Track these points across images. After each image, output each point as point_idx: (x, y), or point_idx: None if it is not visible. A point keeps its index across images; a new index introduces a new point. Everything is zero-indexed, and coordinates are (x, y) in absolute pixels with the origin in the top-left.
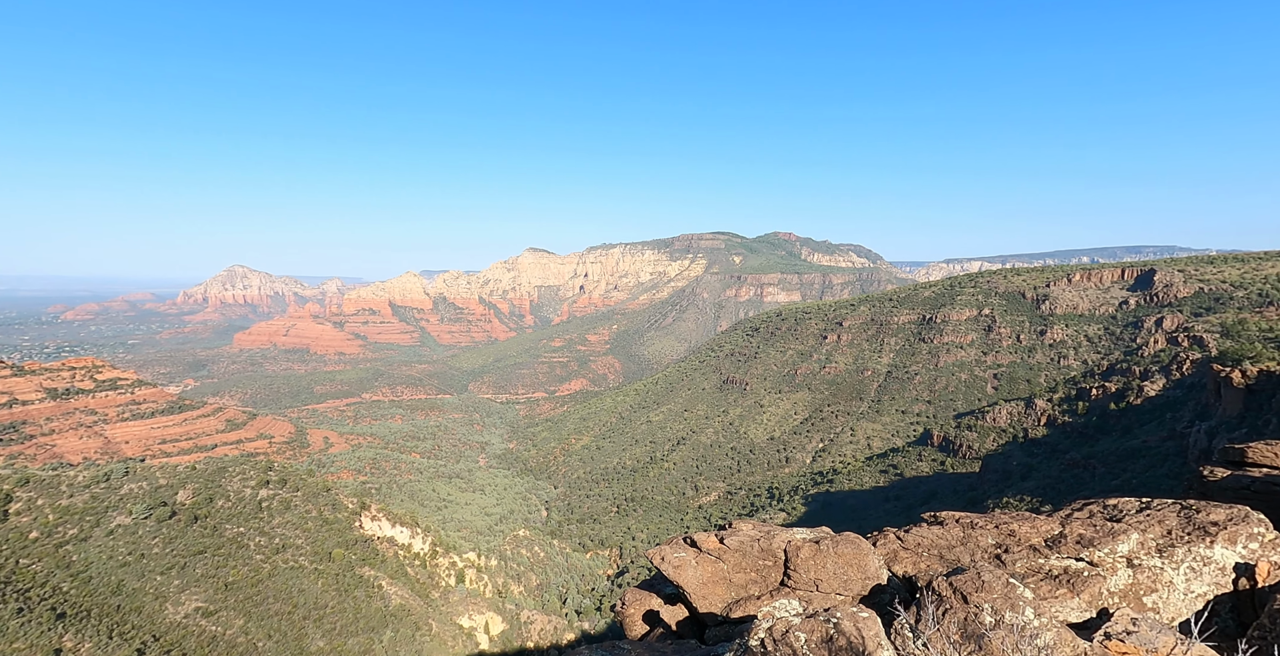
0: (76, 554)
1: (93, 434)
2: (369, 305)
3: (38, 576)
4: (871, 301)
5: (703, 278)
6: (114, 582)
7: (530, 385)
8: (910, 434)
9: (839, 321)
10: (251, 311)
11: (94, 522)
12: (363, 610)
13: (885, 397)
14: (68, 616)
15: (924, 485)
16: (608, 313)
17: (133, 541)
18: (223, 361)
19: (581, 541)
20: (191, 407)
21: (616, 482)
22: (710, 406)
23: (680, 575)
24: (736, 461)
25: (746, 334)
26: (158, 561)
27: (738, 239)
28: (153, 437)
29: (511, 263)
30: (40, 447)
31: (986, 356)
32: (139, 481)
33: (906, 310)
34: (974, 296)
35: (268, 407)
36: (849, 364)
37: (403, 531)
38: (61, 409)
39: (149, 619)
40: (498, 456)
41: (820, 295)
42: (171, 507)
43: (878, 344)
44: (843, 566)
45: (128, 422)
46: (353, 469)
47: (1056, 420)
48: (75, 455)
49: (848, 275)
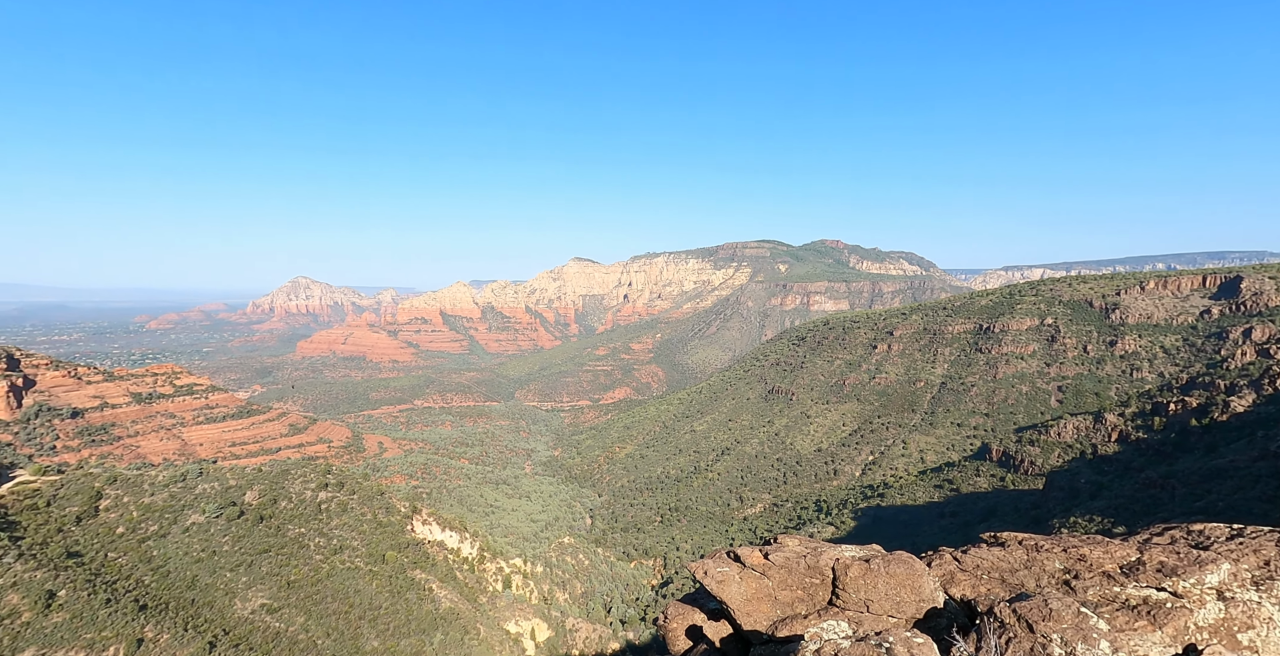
0: (157, 549)
1: (171, 436)
2: (421, 314)
3: (123, 569)
4: (924, 310)
5: (747, 286)
6: (189, 577)
7: (575, 393)
8: (967, 447)
9: (889, 330)
10: (313, 320)
11: (172, 520)
12: (414, 612)
13: (939, 409)
14: (149, 608)
15: (982, 501)
16: (651, 321)
17: (205, 539)
18: (287, 368)
19: (626, 550)
20: (258, 412)
21: (660, 492)
22: (755, 416)
23: (723, 590)
24: (782, 473)
25: (792, 343)
26: (227, 558)
27: (783, 247)
28: (224, 440)
29: (557, 272)
30: (127, 448)
31: (1050, 368)
32: (211, 482)
33: (962, 319)
34: (1035, 305)
35: (327, 413)
36: (900, 374)
37: (452, 536)
38: (145, 412)
39: (219, 613)
40: (543, 463)
41: (869, 304)
42: (240, 507)
43: (931, 354)
44: (895, 587)
45: (202, 426)
46: (405, 473)
47: (1130, 436)
48: (156, 456)
49: (899, 283)
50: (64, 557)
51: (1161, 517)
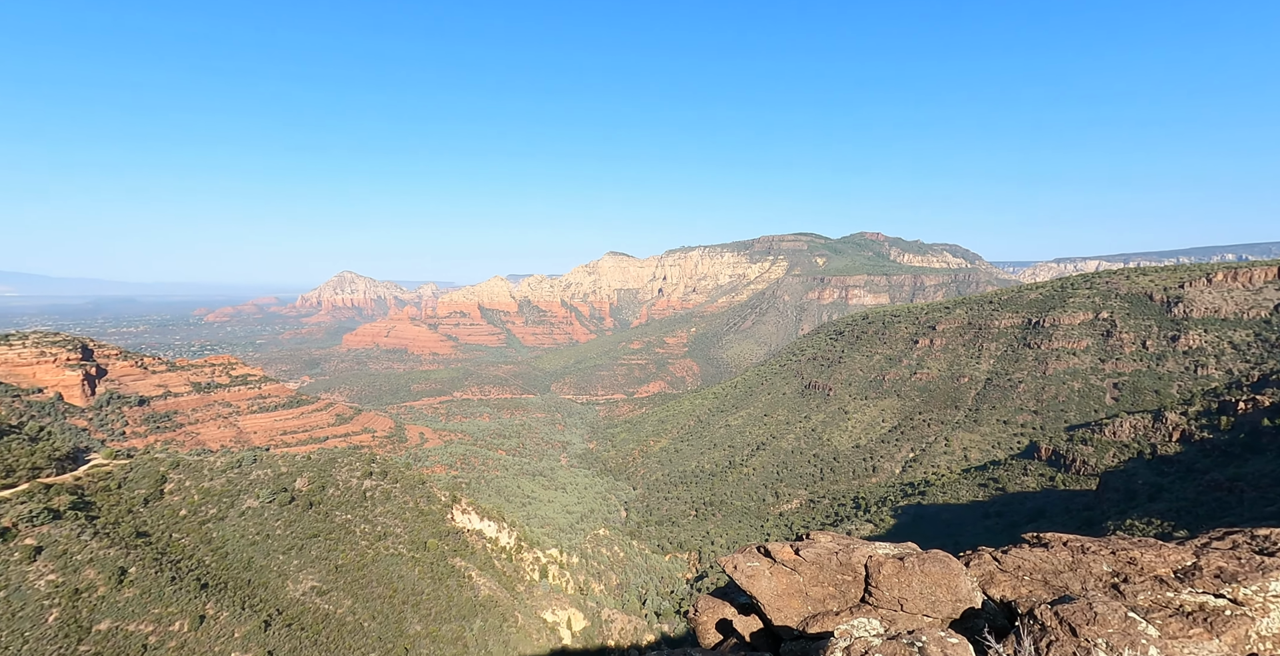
0: (216, 531)
1: (228, 424)
2: (460, 308)
3: (186, 549)
4: (969, 304)
5: (783, 280)
6: (245, 559)
7: (609, 387)
8: (1014, 446)
9: (932, 325)
10: (358, 314)
11: (229, 504)
12: (454, 598)
13: (984, 406)
14: (210, 587)
15: (1030, 502)
16: (686, 315)
17: (260, 523)
18: (333, 360)
19: (660, 543)
20: (307, 402)
21: (695, 486)
22: (791, 411)
23: (753, 585)
24: (819, 469)
25: (830, 337)
26: (280, 542)
27: (821, 240)
28: (275, 428)
29: (592, 266)
30: (188, 434)
31: (1104, 364)
32: (264, 468)
33: (1009, 313)
34: (1090, 298)
35: (371, 404)
36: (943, 370)
37: (490, 525)
38: (204, 401)
39: (273, 594)
40: (578, 456)
41: (911, 297)
42: (291, 493)
43: (976, 349)
44: (930, 586)
45: (255, 415)
46: (445, 464)
47: (1193, 436)
48: (214, 442)
49: (942, 276)
50: (134, 537)
51: (1227, 522)
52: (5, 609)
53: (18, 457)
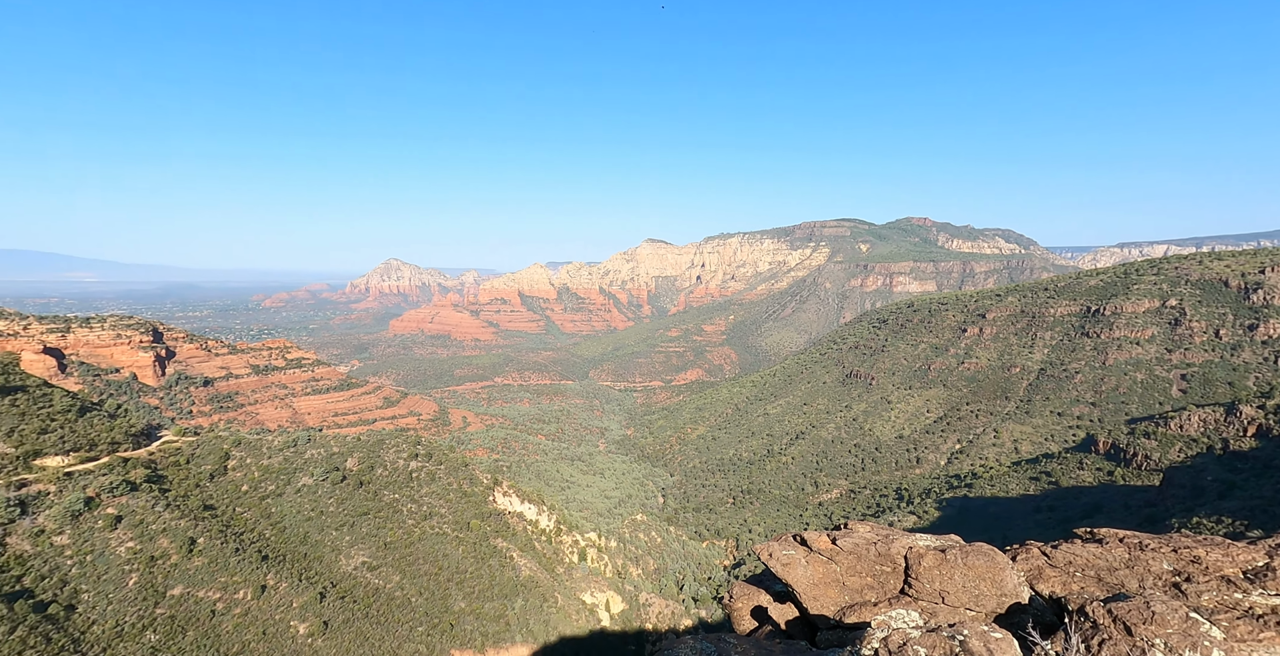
0: (274, 506)
1: (284, 405)
2: (500, 295)
3: (247, 523)
4: (1022, 291)
5: (825, 267)
6: (301, 534)
7: (647, 374)
8: (1068, 439)
9: (981, 313)
10: (403, 300)
11: (286, 481)
12: (497, 578)
13: (1037, 397)
14: (270, 559)
15: (1085, 497)
16: (724, 303)
17: (314, 500)
18: (380, 345)
19: (698, 530)
20: (357, 386)
21: (732, 474)
22: (832, 401)
23: (789, 573)
24: (860, 459)
25: (873, 326)
26: (332, 518)
27: (865, 226)
28: (328, 410)
29: (630, 254)
30: (248, 414)
31: (1171, 354)
32: (318, 448)
33: (1066, 301)
34: (1156, 285)
35: (416, 388)
36: (993, 359)
37: (530, 508)
38: (262, 382)
39: (327, 567)
40: (616, 442)
41: (960, 285)
42: (342, 473)
43: (1028, 338)
44: (973, 579)
45: (309, 396)
46: (487, 447)
47: (1270, 431)
48: (272, 422)
49: (993, 263)
50: (201, 509)
51: None
52: (93, 571)
53: (99, 433)
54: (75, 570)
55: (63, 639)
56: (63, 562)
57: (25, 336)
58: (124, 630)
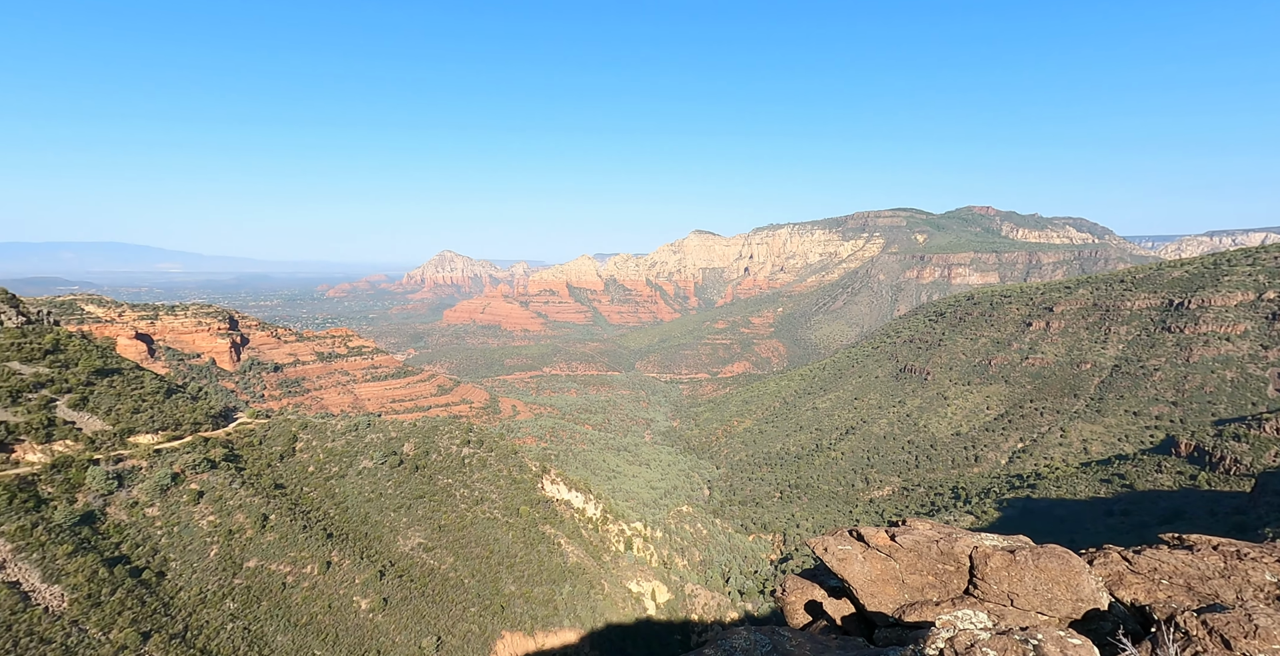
0: (338, 487)
1: (346, 391)
2: (549, 286)
3: (314, 502)
4: (1094, 283)
5: (879, 258)
6: (361, 514)
7: (693, 366)
8: (1145, 440)
9: (1048, 306)
10: (456, 291)
11: (348, 464)
12: (545, 563)
13: (1110, 396)
14: (334, 537)
15: (1164, 501)
16: (772, 295)
17: (374, 482)
18: (434, 335)
19: (744, 523)
20: (413, 373)
21: (779, 468)
22: (884, 396)
23: (845, 569)
24: (914, 456)
25: (929, 319)
26: (390, 500)
27: (922, 215)
28: (386, 396)
29: (677, 245)
30: (313, 399)
31: (1267, 351)
32: (377, 433)
33: (1144, 293)
34: (1250, 277)
35: (468, 376)
36: (1060, 355)
37: (577, 496)
38: (326, 369)
39: (386, 547)
40: (662, 433)
41: (1025, 276)
42: (400, 457)
43: (1101, 332)
44: (1046, 582)
45: (368, 383)
46: (535, 435)
47: None
48: (335, 407)
49: (1062, 253)
50: (272, 488)
51: None
52: (179, 542)
53: (183, 413)
54: (164, 540)
55: (155, 602)
56: (153, 532)
57: (120, 323)
58: (207, 597)
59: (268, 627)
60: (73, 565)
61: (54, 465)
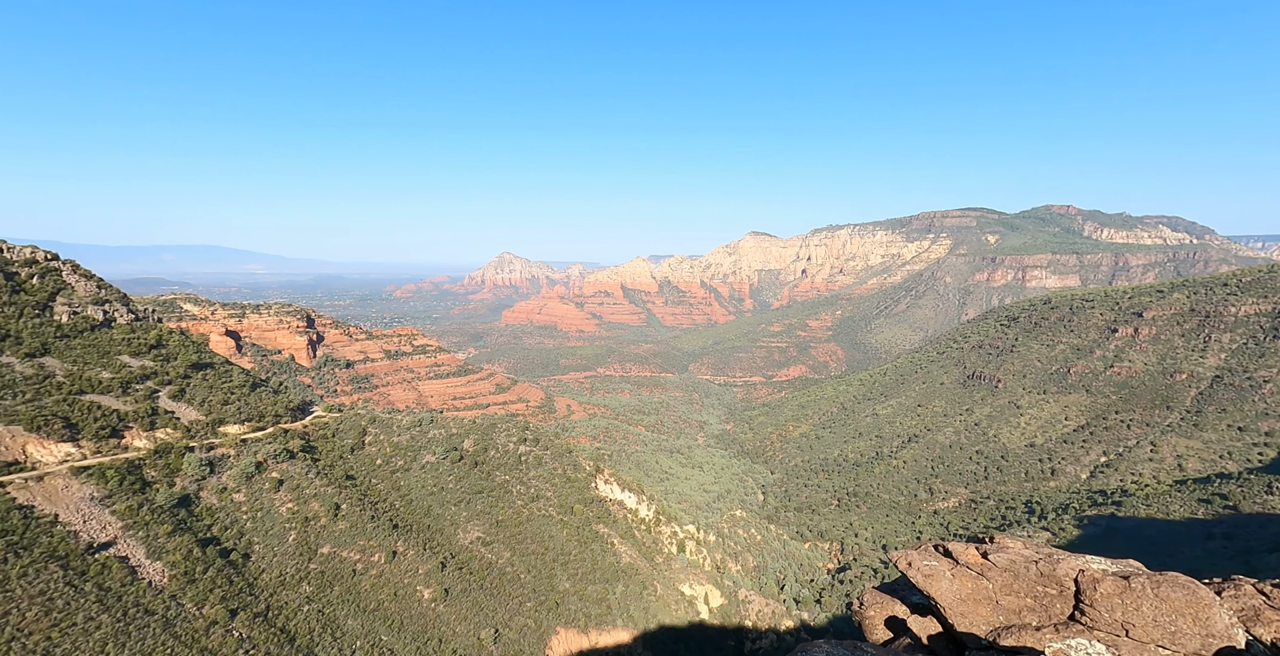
0: (403, 480)
1: (411, 387)
2: (604, 288)
3: (381, 493)
4: (1192, 286)
5: (946, 260)
6: (425, 506)
7: (748, 369)
8: (1252, 458)
9: (1137, 311)
10: (514, 292)
11: (412, 458)
12: (598, 562)
13: (1209, 408)
14: (399, 527)
15: (1274, 526)
16: (831, 297)
17: (436, 476)
18: (493, 334)
19: (799, 530)
20: (473, 372)
21: (837, 475)
22: (950, 403)
23: (932, 586)
24: (983, 467)
25: (1001, 324)
26: (451, 495)
27: (994, 215)
28: (447, 394)
29: (732, 246)
30: (381, 395)
31: None
32: (439, 429)
33: (1252, 297)
34: None
35: (524, 375)
36: (1151, 364)
37: (630, 497)
38: (393, 366)
39: (447, 539)
40: (715, 436)
41: (1109, 279)
42: (460, 452)
43: (1199, 340)
44: (1168, 614)
45: (431, 381)
46: (589, 435)
47: None
48: (401, 403)
49: (1154, 254)
50: (344, 479)
51: None
52: (262, 526)
53: (266, 406)
54: (249, 524)
55: (241, 582)
56: (240, 517)
57: (212, 320)
58: (286, 580)
59: (339, 611)
60: (172, 544)
61: (156, 451)
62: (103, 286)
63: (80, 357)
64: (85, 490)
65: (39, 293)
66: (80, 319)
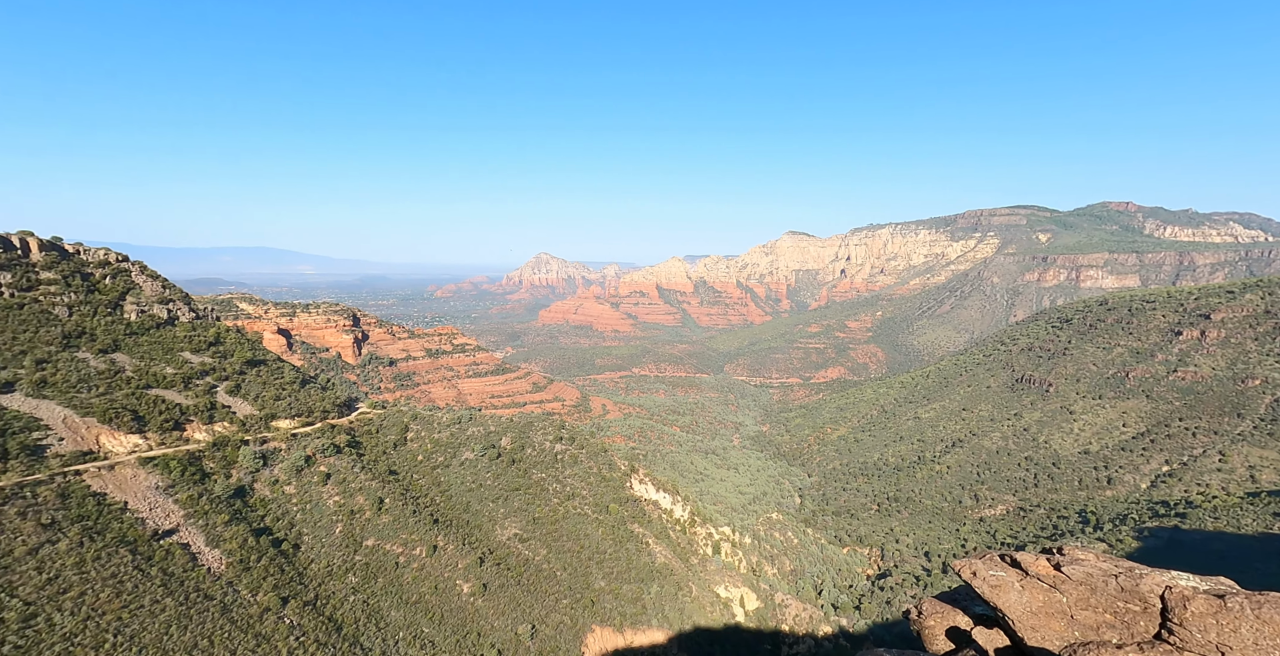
0: (443, 476)
1: (450, 386)
2: (639, 288)
3: (422, 488)
4: (1267, 287)
5: (993, 259)
6: (464, 502)
7: (784, 370)
8: None
9: (1204, 313)
10: (551, 292)
11: (452, 454)
12: (633, 562)
13: None
14: (440, 522)
15: None
16: (871, 298)
17: (474, 473)
18: (530, 334)
19: (837, 534)
20: (510, 371)
21: (877, 479)
22: (997, 407)
23: (999, 597)
24: (1033, 474)
25: (1053, 325)
26: (489, 491)
27: (1046, 213)
28: (485, 392)
29: (769, 246)
30: (422, 392)
31: None
32: (478, 426)
33: None
34: None
35: (560, 375)
36: (1219, 369)
37: (665, 497)
38: (434, 365)
39: (485, 535)
40: (750, 438)
41: (1173, 280)
42: (498, 450)
43: (1274, 344)
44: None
45: (470, 379)
46: (624, 435)
47: None
48: (441, 401)
49: (1224, 253)
50: (387, 473)
51: None
52: (311, 518)
53: (315, 402)
54: (299, 515)
55: (292, 571)
56: (290, 508)
57: (265, 319)
58: (333, 570)
59: (383, 602)
60: (229, 533)
61: (214, 444)
62: (167, 286)
63: (147, 354)
64: (151, 479)
65: (111, 292)
66: (147, 317)
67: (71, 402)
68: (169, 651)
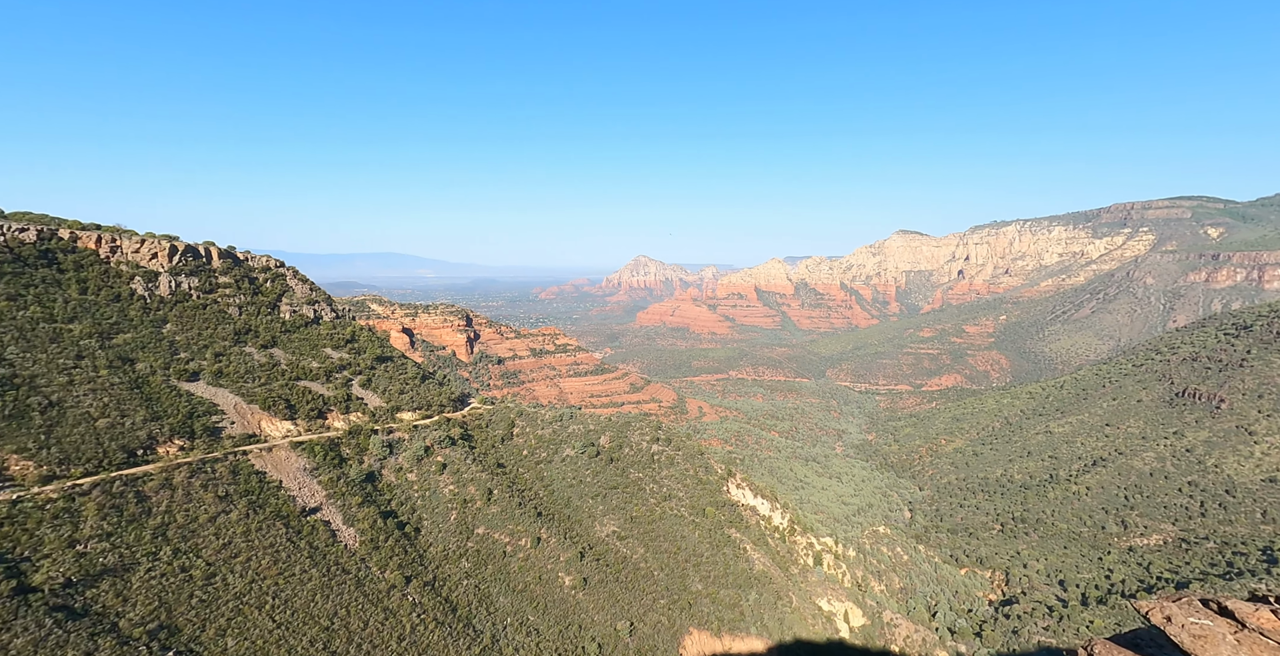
0: (545, 471)
1: (553, 384)
2: (737, 290)
3: (527, 482)
4: None
5: (1146, 257)
6: (564, 498)
7: (892, 376)
8: None
9: None
10: (649, 294)
11: (554, 451)
12: (730, 567)
13: None
14: (543, 516)
15: None
16: (993, 301)
17: (574, 470)
18: (628, 335)
19: (953, 554)
20: (608, 371)
21: (1000, 497)
22: (1150, 424)
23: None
24: (1198, 501)
25: (1226, 333)
26: (588, 488)
27: (1217, 204)
28: (585, 391)
29: (877, 246)
30: (527, 390)
31: None
32: (578, 424)
33: None
34: None
35: (657, 376)
36: None
37: (763, 503)
38: (537, 364)
39: (585, 531)
40: (854, 446)
41: None
42: (597, 448)
43: None
44: None
45: (571, 378)
46: (721, 438)
47: None
48: (544, 398)
49: None
50: (495, 466)
51: None
52: (429, 505)
53: (433, 396)
54: (420, 501)
55: (414, 553)
56: (412, 494)
57: (392, 319)
58: (449, 554)
59: (492, 588)
60: (361, 514)
61: (350, 432)
62: (314, 289)
63: (297, 349)
64: (300, 462)
65: (270, 294)
66: (297, 316)
67: (240, 391)
68: (315, 616)
